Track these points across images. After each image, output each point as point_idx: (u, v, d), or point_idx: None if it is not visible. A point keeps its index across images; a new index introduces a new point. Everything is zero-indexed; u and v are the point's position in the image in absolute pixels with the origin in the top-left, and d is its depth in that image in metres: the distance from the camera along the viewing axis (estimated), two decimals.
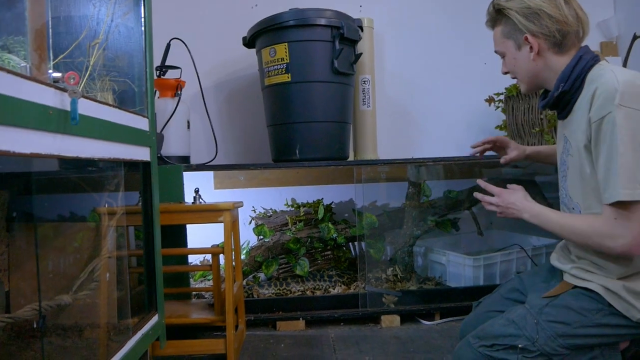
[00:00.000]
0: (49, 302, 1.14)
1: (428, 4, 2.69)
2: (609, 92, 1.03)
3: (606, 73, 1.08)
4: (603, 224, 1.06)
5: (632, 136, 1.01)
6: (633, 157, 1.01)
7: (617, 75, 1.05)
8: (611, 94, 1.02)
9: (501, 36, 1.23)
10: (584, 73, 1.13)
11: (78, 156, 0.93)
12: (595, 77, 1.11)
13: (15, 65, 1.05)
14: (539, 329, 1.13)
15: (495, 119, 2.53)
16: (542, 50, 1.17)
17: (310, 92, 2.03)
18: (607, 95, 1.03)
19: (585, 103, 1.09)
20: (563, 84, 1.14)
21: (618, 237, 1.03)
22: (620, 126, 1.01)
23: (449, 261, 2.26)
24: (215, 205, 1.65)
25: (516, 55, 1.22)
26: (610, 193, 1.03)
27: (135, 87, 1.37)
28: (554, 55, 1.17)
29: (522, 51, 1.20)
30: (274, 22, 2.01)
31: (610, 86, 1.03)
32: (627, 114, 1.01)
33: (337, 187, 2.51)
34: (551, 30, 1.14)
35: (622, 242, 1.03)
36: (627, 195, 1.01)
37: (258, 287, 2.15)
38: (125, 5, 1.36)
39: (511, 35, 1.21)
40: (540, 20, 1.14)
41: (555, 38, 1.15)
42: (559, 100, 1.18)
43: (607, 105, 1.03)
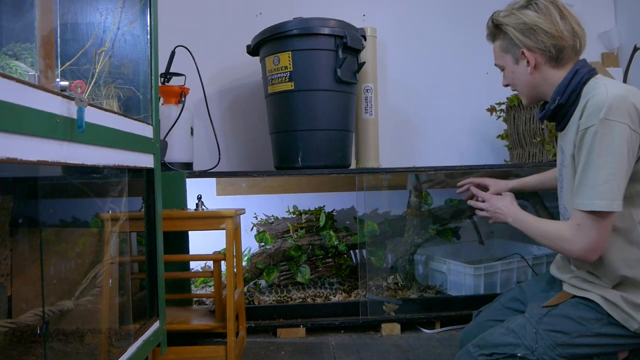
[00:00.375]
0: (51, 308, 1.14)
1: (431, 14, 2.71)
2: (598, 105, 1.06)
3: (599, 87, 1.10)
4: (566, 228, 1.13)
5: (610, 150, 1.05)
6: (604, 170, 1.05)
7: (608, 89, 1.08)
8: (599, 107, 1.06)
9: (500, 50, 1.27)
10: (579, 87, 1.15)
11: (84, 163, 0.94)
12: (589, 90, 1.13)
13: (22, 72, 1.07)
14: (538, 338, 1.13)
15: (497, 128, 2.54)
16: (539, 64, 1.20)
17: (313, 100, 2.04)
18: (595, 108, 1.06)
19: (578, 115, 1.12)
20: (559, 98, 1.17)
21: (576, 242, 1.10)
22: (599, 139, 1.05)
23: (449, 270, 2.26)
24: (218, 212, 1.66)
25: (514, 69, 1.25)
26: (579, 200, 1.09)
27: (140, 94, 1.39)
28: (551, 69, 1.20)
29: (520, 65, 1.23)
30: (278, 31, 2.03)
31: (600, 99, 1.06)
32: (609, 127, 1.04)
33: (338, 194, 2.52)
34: (547, 45, 1.17)
35: (578, 247, 1.10)
36: (590, 205, 1.07)
37: (259, 294, 2.15)
38: (132, 13, 1.38)
39: (509, 50, 1.24)
40: (535, 36, 1.17)
41: (551, 52, 1.17)
42: (555, 112, 1.20)
43: (593, 117, 1.06)
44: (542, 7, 1.17)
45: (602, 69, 2.44)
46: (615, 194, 1.05)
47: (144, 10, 1.36)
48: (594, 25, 2.69)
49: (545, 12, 1.17)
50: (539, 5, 1.18)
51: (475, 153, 2.70)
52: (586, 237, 1.08)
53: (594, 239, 1.08)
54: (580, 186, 1.09)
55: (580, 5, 2.63)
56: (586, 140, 1.08)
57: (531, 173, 2.39)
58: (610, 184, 1.05)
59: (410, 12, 2.70)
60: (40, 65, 1.06)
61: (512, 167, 2.24)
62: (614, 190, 1.05)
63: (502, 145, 2.53)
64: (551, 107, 1.19)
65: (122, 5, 1.36)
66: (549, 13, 1.16)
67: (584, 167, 1.08)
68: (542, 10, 1.17)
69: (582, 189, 1.09)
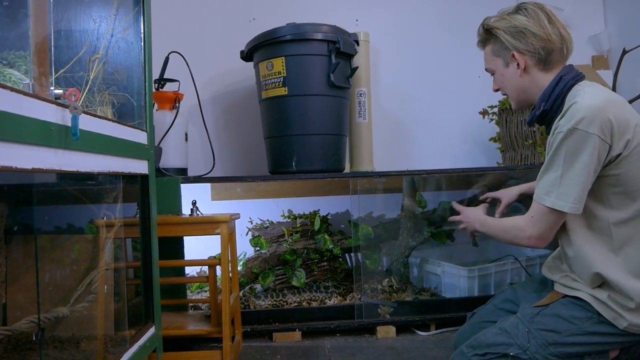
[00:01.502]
0: (46, 315, 1.15)
1: (423, 18, 2.74)
2: (573, 113, 1.11)
3: (579, 94, 1.15)
4: (521, 219, 1.22)
5: (571, 156, 1.10)
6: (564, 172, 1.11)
7: (586, 98, 1.12)
8: (573, 115, 1.11)
9: (491, 54, 1.31)
10: (564, 93, 1.19)
11: (78, 170, 0.95)
12: (572, 96, 1.17)
13: (16, 80, 1.07)
14: (530, 338, 1.15)
15: (490, 131, 2.56)
16: (528, 67, 1.24)
17: (307, 105, 2.06)
18: (570, 115, 1.12)
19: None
20: (544, 104, 1.21)
21: (526, 230, 1.19)
22: (567, 145, 1.11)
23: (444, 272, 2.28)
24: (212, 218, 1.66)
25: (504, 72, 1.29)
26: (539, 193, 1.16)
27: (134, 101, 1.40)
28: (539, 72, 1.24)
29: (510, 68, 1.27)
30: (271, 37, 2.05)
31: (576, 108, 1.11)
32: (579, 136, 1.09)
33: (333, 198, 2.53)
34: (536, 48, 1.21)
35: (527, 234, 1.19)
36: (550, 203, 1.13)
37: (254, 299, 2.16)
38: (125, 21, 1.39)
39: (500, 53, 1.28)
40: (525, 39, 1.22)
41: (540, 55, 1.22)
42: (542, 118, 1.25)
43: (567, 123, 1.11)
44: (531, 12, 1.22)
45: (593, 71, 2.46)
46: (576, 197, 1.11)
47: (137, 17, 1.37)
48: (584, 29, 2.72)
49: (534, 16, 1.22)
50: (528, 10, 1.23)
51: (468, 156, 2.72)
52: (536, 228, 1.17)
53: (544, 231, 1.17)
54: (543, 180, 1.16)
55: (571, 8, 2.68)
56: (556, 141, 1.13)
57: (523, 175, 2.42)
58: (574, 188, 1.10)
59: (403, 17, 2.72)
60: (35, 73, 1.07)
61: (505, 169, 2.26)
62: (576, 194, 1.11)
63: (494, 148, 2.55)
64: (536, 113, 1.24)
65: (116, 13, 1.37)
66: (538, 17, 1.21)
67: (549, 164, 1.15)
68: (531, 14, 1.22)
69: (544, 184, 1.16)
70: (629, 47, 2.29)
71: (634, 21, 2.59)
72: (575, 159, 1.10)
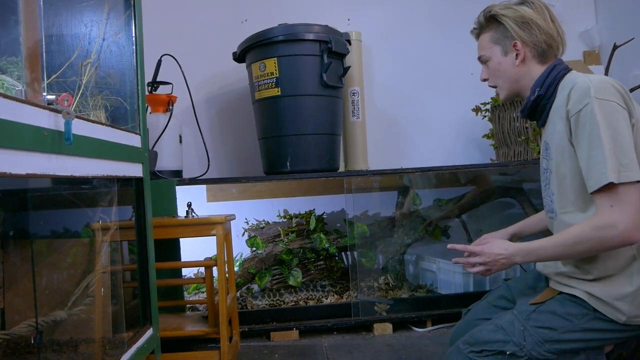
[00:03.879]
0: (44, 318, 1.15)
1: (415, 16, 2.75)
2: (584, 88, 1.10)
3: (578, 77, 1.17)
4: (599, 217, 1.06)
5: (608, 124, 1.07)
6: (613, 143, 1.05)
7: (589, 76, 1.14)
8: (586, 89, 1.10)
9: (489, 41, 1.31)
10: (557, 80, 1.22)
11: (72, 175, 0.95)
12: (567, 83, 1.19)
13: (9, 86, 1.08)
14: (526, 335, 1.16)
15: (483, 128, 2.57)
16: (527, 58, 1.26)
17: (300, 105, 2.07)
18: (582, 91, 1.10)
19: (561, 105, 1.17)
20: (539, 89, 1.23)
21: (618, 223, 1.03)
22: (597, 115, 1.07)
23: (439, 269, 2.29)
24: (208, 219, 1.67)
25: (501, 60, 1.29)
26: (596, 178, 1.05)
27: (127, 104, 1.40)
28: (536, 65, 1.26)
29: (508, 57, 1.28)
30: (263, 38, 2.05)
31: (584, 84, 1.11)
32: (603, 105, 1.08)
33: (328, 197, 2.54)
34: (539, 40, 1.24)
35: (622, 227, 1.02)
36: (614, 177, 1.03)
37: (252, 299, 2.17)
38: (117, 25, 1.39)
39: (500, 41, 1.29)
40: (531, 30, 1.24)
41: (542, 48, 1.24)
42: (535, 105, 1.25)
43: (583, 98, 1.09)
44: (537, 6, 1.26)
45: (584, 67, 2.48)
46: (634, 162, 1.04)
47: (128, 21, 1.38)
48: (575, 24, 2.74)
49: (540, 11, 1.25)
50: (534, 4, 1.26)
51: (462, 153, 2.74)
52: (626, 214, 1.02)
53: (633, 212, 1.02)
54: (592, 166, 1.06)
55: (562, 4, 2.69)
56: (583, 121, 1.08)
57: (517, 171, 2.44)
58: (630, 154, 1.04)
59: (395, 16, 2.73)
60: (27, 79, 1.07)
61: (498, 165, 2.27)
62: (633, 159, 1.04)
63: (488, 145, 2.56)
64: (531, 98, 1.25)
65: (107, 17, 1.38)
66: (543, 13, 1.25)
67: (590, 145, 1.07)
68: (537, 9, 1.26)
69: (597, 166, 1.05)
70: (619, 42, 2.30)
71: (624, 16, 2.61)
72: (613, 125, 1.05)
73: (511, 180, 2.52)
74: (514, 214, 2.49)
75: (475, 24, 1.36)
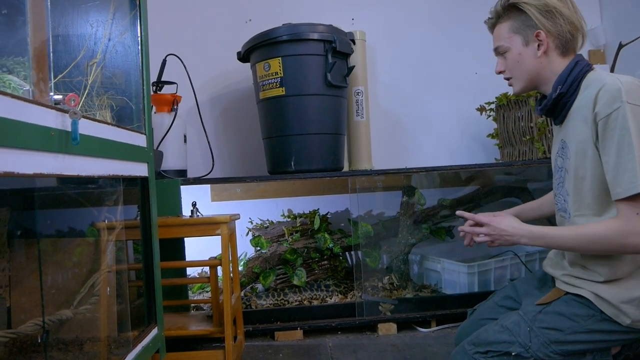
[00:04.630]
0: (50, 317, 1.16)
1: (419, 16, 2.74)
2: (614, 90, 1.06)
3: (606, 76, 1.11)
4: (625, 223, 1.05)
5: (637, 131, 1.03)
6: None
7: (618, 77, 1.09)
8: (616, 91, 1.05)
9: (509, 31, 1.24)
10: (580, 77, 1.17)
11: (79, 174, 0.96)
12: (591, 81, 1.14)
13: (16, 86, 1.08)
14: (532, 336, 1.15)
15: (487, 127, 2.57)
16: (549, 49, 1.20)
17: (304, 105, 2.07)
18: (612, 94, 1.06)
19: (586, 105, 1.12)
20: (561, 86, 1.17)
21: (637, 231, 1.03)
22: (630, 121, 1.03)
23: (444, 269, 2.29)
24: (213, 219, 1.68)
25: (522, 50, 1.22)
26: (625, 186, 1.03)
27: (133, 104, 1.40)
28: (557, 57, 1.20)
29: (530, 47, 1.21)
30: (268, 38, 2.05)
31: (614, 85, 1.07)
32: (633, 110, 1.04)
33: (332, 197, 2.54)
34: (564, 30, 1.18)
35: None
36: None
37: (256, 298, 2.17)
38: (122, 25, 1.40)
39: (521, 31, 1.22)
40: (555, 19, 1.18)
41: (566, 38, 1.18)
42: (556, 103, 1.20)
43: (614, 102, 1.06)
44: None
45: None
46: None
47: (134, 21, 1.38)
48: None
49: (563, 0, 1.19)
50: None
51: (466, 152, 2.73)
52: None
53: None
54: (621, 172, 1.05)
55: None
56: (613, 125, 1.05)
57: (522, 171, 2.43)
58: None
59: (399, 15, 2.73)
60: (34, 79, 1.07)
61: (503, 165, 2.27)
62: None
63: (492, 144, 2.56)
64: (553, 95, 1.19)
65: (113, 17, 1.38)
66: (566, 1, 1.19)
67: (619, 152, 1.05)
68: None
69: (625, 173, 1.03)
70: (624, 41, 2.29)
71: (629, 15, 2.60)
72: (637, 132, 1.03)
73: (515, 179, 2.51)
74: None
75: (490, 13, 1.28)
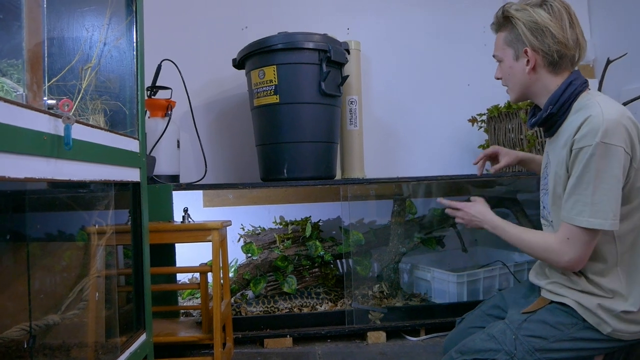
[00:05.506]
0: (37, 322, 1.15)
1: (414, 27, 2.77)
2: (595, 126, 1.09)
3: (595, 106, 1.12)
4: (554, 242, 1.16)
5: (609, 171, 1.08)
6: (600, 190, 1.08)
7: (604, 110, 1.10)
8: (596, 128, 1.08)
9: (503, 42, 1.26)
10: (572, 98, 1.18)
11: (70, 179, 0.96)
12: (582, 106, 1.16)
13: (9, 89, 1.08)
14: (517, 344, 1.17)
15: (479, 138, 2.60)
16: (538, 66, 1.21)
17: (298, 113, 2.08)
18: (591, 129, 1.09)
19: (571, 130, 1.14)
20: (552, 107, 1.19)
21: (564, 254, 1.14)
22: (596, 160, 1.08)
23: (433, 278, 2.30)
24: (204, 225, 1.67)
25: (512, 64, 1.25)
26: (571, 214, 1.12)
27: (127, 109, 1.41)
28: (547, 74, 1.21)
29: (519, 62, 1.23)
30: (263, 45, 2.07)
31: (597, 121, 1.09)
32: (607, 150, 1.07)
33: (324, 204, 2.55)
34: (551, 50, 1.18)
35: (566, 259, 1.14)
36: (585, 222, 1.09)
37: (246, 305, 2.16)
38: (118, 30, 1.40)
39: (512, 44, 1.24)
40: (543, 37, 1.18)
41: (553, 58, 1.18)
42: (546, 120, 1.23)
43: (589, 137, 1.09)
44: (556, 10, 1.18)
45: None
46: (611, 213, 1.08)
47: (130, 26, 1.39)
48: None
49: (557, 16, 1.17)
50: (553, 8, 1.18)
51: (458, 162, 2.76)
52: (574, 251, 1.13)
53: (582, 252, 1.13)
54: (572, 201, 1.12)
55: None
56: (581, 158, 1.10)
57: (511, 182, 2.45)
58: (609, 204, 1.08)
59: (394, 26, 2.76)
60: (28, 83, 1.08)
61: (493, 176, 2.29)
62: (612, 210, 1.08)
63: None
64: (543, 115, 1.21)
65: (108, 22, 1.38)
66: (561, 18, 1.17)
67: (577, 183, 1.11)
68: (555, 13, 1.17)
69: (575, 204, 1.11)
70: (612, 56, 2.33)
71: (617, 31, 2.64)
72: (606, 174, 1.07)
73: (506, 190, 2.53)
74: None
75: (494, 18, 1.29)
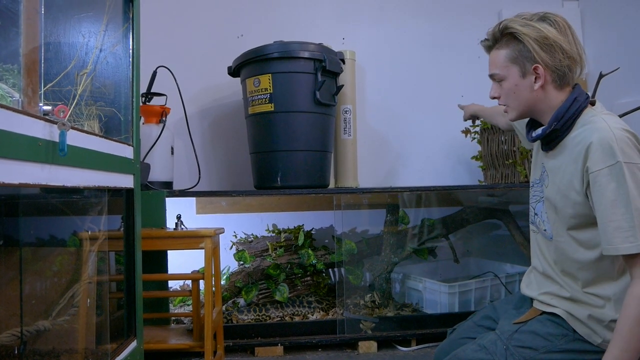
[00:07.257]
0: (28, 328, 1.14)
1: (409, 37, 2.80)
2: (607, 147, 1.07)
3: (600, 123, 1.11)
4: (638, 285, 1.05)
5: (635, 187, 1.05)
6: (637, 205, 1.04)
7: (611, 127, 1.09)
8: (610, 149, 1.06)
9: (505, 59, 1.19)
10: (576, 115, 1.16)
11: (64, 185, 0.96)
12: (586, 122, 1.14)
13: (4, 94, 1.08)
14: (508, 355, 1.17)
15: (472, 149, 2.61)
16: (546, 83, 1.17)
17: (293, 121, 2.09)
18: (605, 150, 1.07)
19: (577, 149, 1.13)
20: (556, 123, 1.16)
21: None
22: (625, 180, 1.05)
23: (425, 288, 2.30)
24: (197, 232, 1.67)
25: (518, 82, 1.19)
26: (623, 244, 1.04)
27: (121, 115, 1.41)
28: (553, 90, 1.18)
29: (526, 80, 1.17)
30: (259, 54, 2.08)
31: (608, 141, 1.07)
32: (630, 168, 1.05)
33: (317, 213, 2.55)
34: (562, 65, 1.14)
35: None
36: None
37: (237, 313, 2.16)
38: (114, 37, 1.41)
39: (518, 62, 1.17)
40: (554, 53, 1.13)
41: (563, 73, 1.15)
42: (549, 135, 1.20)
43: (606, 159, 1.06)
44: (561, 26, 1.15)
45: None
46: None
47: (126, 33, 1.39)
48: None
49: (563, 31, 1.15)
50: (558, 23, 1.15)
51: (450, 173, 2.77)
52: None
53: None
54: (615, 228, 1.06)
55: None
56: (602, 182, 1.07)
57: (504, 193, 2.47)
58: None
59: (389, 36, 2.78)
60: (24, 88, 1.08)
61: (486, 187, 2.30)
62: None
63: (476, 166, 2.60)
64: (547, 130, 1.19)
65: (105, 29, 1.39)
66: (567, 33, 1.15)
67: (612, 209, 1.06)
68: (561, 28, 1.14)
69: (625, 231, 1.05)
70: (605, 70, 2.36)
71: (610, 46, 2.68)
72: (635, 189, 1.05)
73: (498, 201, 2.55)
74: (501, 235, 2.52)
75: (487, 35, 1.23)
